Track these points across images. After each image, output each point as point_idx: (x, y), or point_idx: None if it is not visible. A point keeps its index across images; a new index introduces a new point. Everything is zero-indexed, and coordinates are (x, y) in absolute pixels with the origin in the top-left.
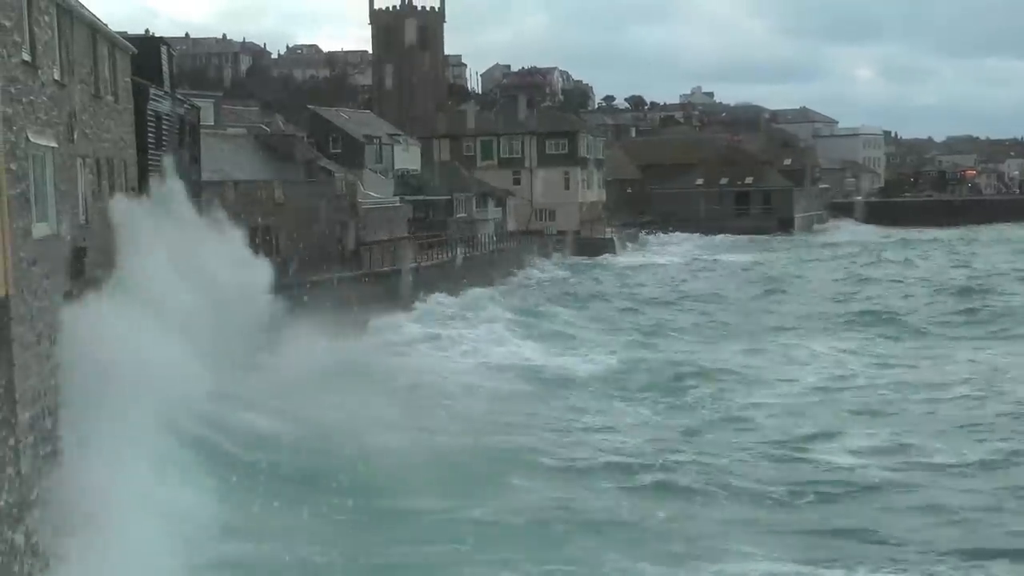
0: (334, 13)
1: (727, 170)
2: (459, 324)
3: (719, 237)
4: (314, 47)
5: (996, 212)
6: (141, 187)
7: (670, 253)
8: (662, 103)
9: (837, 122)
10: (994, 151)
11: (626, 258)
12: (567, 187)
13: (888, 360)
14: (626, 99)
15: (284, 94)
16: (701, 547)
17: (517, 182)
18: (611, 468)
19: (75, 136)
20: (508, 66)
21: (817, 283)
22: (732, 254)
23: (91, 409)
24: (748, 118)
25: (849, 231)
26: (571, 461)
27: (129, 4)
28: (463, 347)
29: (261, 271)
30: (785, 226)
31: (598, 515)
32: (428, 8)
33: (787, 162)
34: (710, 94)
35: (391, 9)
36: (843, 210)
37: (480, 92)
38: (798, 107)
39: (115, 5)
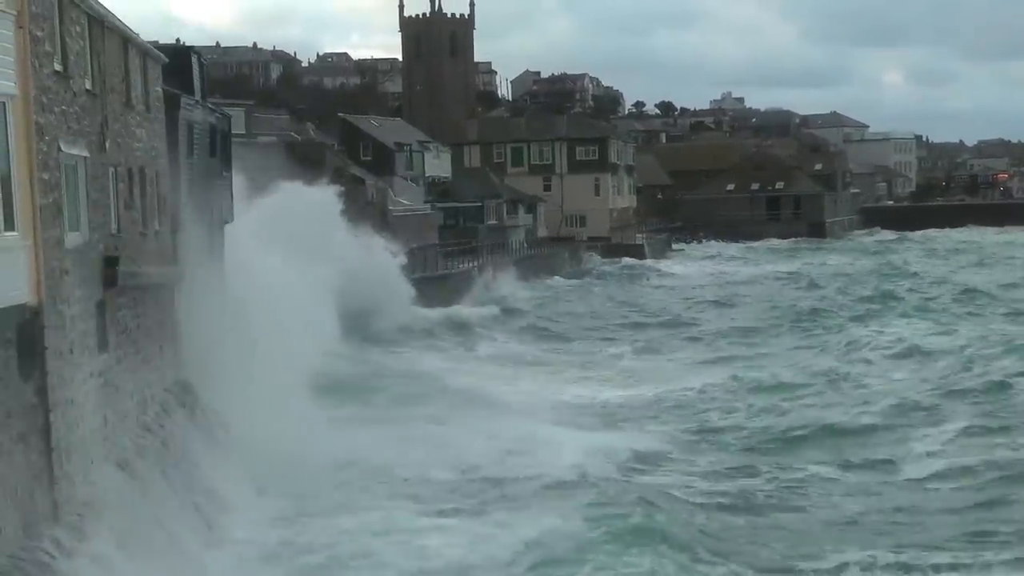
0: (361, 21)
1: (758, 175)
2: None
3: (752, 243)
4: (344, 55)
5: None
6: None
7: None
8: (692, 109)
9: (868, 127)
10: None
11: (667, 266)
12: (597, 193)
13: None
14: (656, 105)
15: (314, 102)
16: None
17: (547, 188)
18: None
19: (107, 145)
20: (538, 72)
21: None
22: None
23: None
24: (778, 123)
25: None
26: None
27: (158, 14)
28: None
29: None
30: (816, 231)
31: None
32: (458, 15)
33: (818, 167)
34: (740, 99)
35: (421, 16)
36: (875, 214)
37: (510, 99)
38: (828, 112)
39: (145, 15)
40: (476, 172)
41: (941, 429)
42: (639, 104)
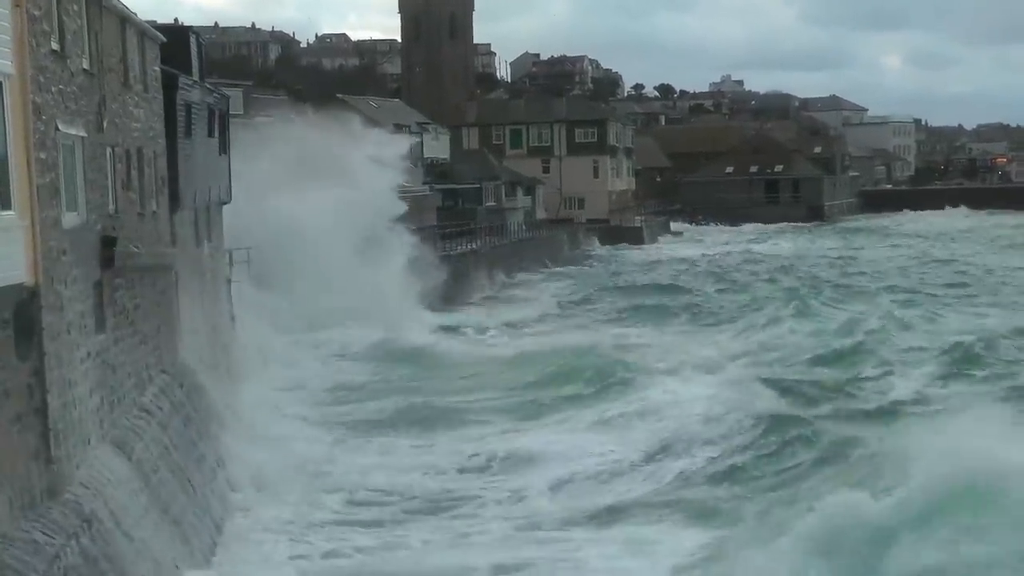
0: (359, 2)
1: (756, 158)
2: None
3: (751, 225)
4: (343, 36)
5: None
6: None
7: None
8: (691, 91)
9: (867, 110)
10: None
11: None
12: (596, 175)
13: None
14: (655, 87)
15: (313, 83)
16: None
17: (546, 170)
18: None
19: (104, 125)
20: (537, 54)
21: None
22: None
23: None
24: (778, 106)
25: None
26: None
27: None
28: None
29: None
30: (815, 215)
31: None
32: None
33: (817, 150)
34: (740, 82)
35: None
36: (873, 198)
37: (509, 80)
38: (828, 95)
39: None
40: (475, 154)
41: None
42: (638, 86)
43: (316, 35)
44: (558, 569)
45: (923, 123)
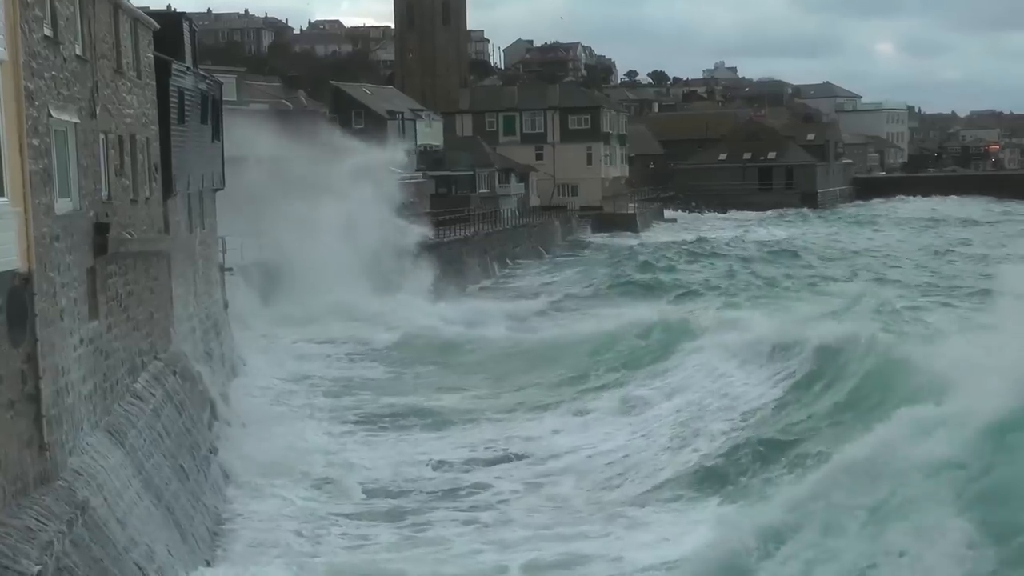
0: None
1: (750, 145)
2: None
3: (744, 212)
4: (336, 22)
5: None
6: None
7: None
8: (685, 78)
9: (860, 97)
10: (1017, 125)
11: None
12: (589, 163)
13: None
14: (649, 74)
15: (306, 70)
16: None
17: (539, 157)
18: None
19: (97, 112)
20: (531, 41)
21: None
22: None
23: None
24: (771, 93)
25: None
26: None
27: None
28: None
29: None
30: (808, 201)
31: None
32: None
33: (810, 137)
34: (733, 69)
35: None
36: (867, 185)
37: (503, 67)
38: (821, 82)
39: None
40: (468, 141)
41: None
42: (631, 73)
43: (309, 21)
44: (592, 564)
45: (916, 110)
